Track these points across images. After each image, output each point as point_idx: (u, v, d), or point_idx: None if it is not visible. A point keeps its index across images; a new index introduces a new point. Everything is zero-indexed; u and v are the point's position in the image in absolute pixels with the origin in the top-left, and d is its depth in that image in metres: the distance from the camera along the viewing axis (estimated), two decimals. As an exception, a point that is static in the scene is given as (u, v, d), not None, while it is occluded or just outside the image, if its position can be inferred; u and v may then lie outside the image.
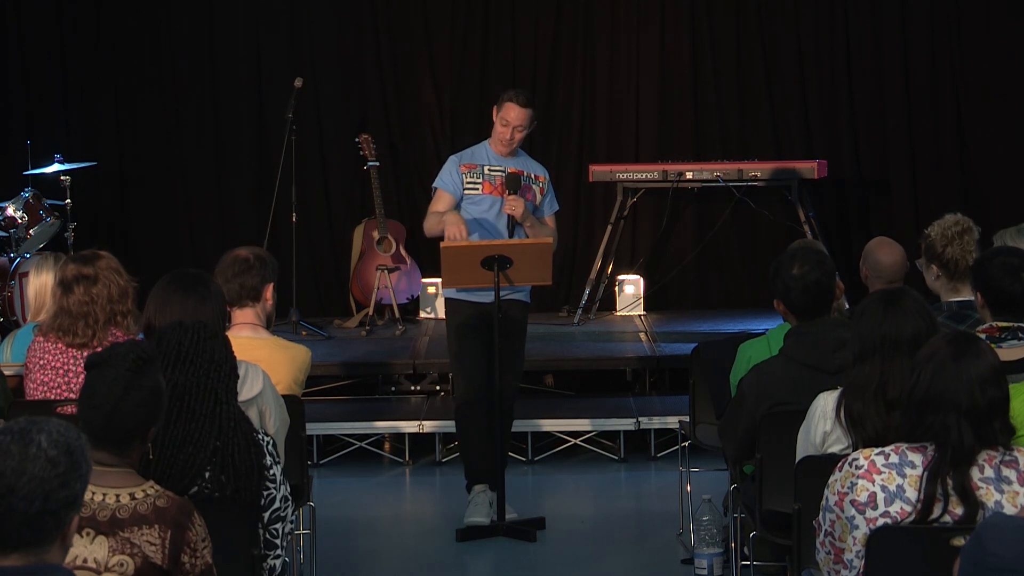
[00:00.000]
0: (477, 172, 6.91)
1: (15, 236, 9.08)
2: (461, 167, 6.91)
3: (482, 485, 6.82)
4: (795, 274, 4.93)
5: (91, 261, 5.22)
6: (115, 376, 3.28)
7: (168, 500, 3.27)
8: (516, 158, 6.98)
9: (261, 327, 5.27)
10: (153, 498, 3.26)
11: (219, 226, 10.57)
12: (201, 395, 3.76)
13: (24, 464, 2.66)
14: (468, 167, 6.92)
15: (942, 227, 5.54)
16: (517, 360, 6.97)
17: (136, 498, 3.25)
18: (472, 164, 6.93)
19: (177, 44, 10.60)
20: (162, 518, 3.23)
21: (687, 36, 10.59)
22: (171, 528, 3.22)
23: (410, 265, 9.99)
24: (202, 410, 3.75)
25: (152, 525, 3.22)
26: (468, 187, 6.89)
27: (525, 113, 6.84)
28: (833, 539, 3.64)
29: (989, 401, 3.48)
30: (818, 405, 4.26)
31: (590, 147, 10.66)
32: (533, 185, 6.96)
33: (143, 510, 3.23)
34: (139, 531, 3.21)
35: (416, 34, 10.68)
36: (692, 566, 6.02)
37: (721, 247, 10.55)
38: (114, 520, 3.21)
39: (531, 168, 7.01)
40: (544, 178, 7.04)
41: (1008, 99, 10.41)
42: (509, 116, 6.84)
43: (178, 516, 3.24)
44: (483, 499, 6.79)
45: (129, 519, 3.22)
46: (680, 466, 6.66)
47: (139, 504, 3.24)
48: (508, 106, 6.85)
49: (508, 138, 6.86)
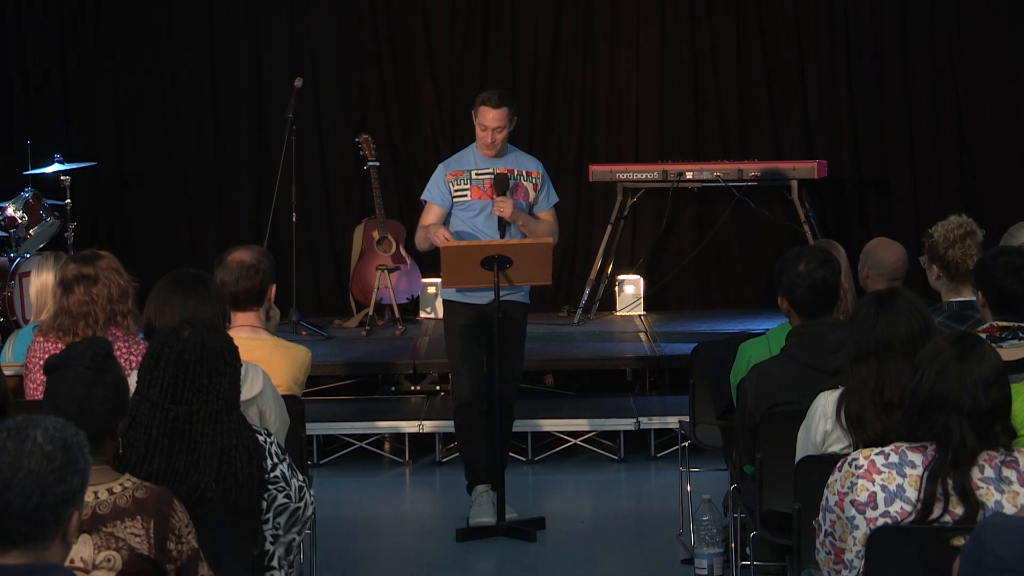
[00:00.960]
0: (464, 178, 6.91)
1: (15, 236, 9.09)
2: (447, 176, 6.92)
3: (484, 485, 6.82)
4: (801, 271, 4.92)
5: (91, 261, 5.22)
6: (76, 376, 3.29)
7: (147, 490, 3.28)
8: (506, 156, 6.97)
9: (261, 328, 5.27)
10: (131, 490, 3.27)
11: (219, 226, 10.57)
12: (202, 422, 3.74)
13: (20, 459, 2.67)
14: (455, 175, 6.92)
15: (945, 228, 5.53)
16: (517, 360, 6.97)
17: (114, 492, 3.25)
18: (459, 171, 6.93)
19: (177, 44, 10.60)
20: (143, 509, 3.23)
21: (687, 36, 10.59)
22: (154, 517, 3.23)
23: (410, 265, 9.98)
24: (204, 437, 3.73)
25: (134, 517, 3.22)
26: (456, 195, 6.89)
27: (501, 113, 6.83)
28: (833, 539, 3.64)
29: (992, 403, 3.48)
30: (819, 404, 4.27)
31: (590, 147, 10.66)
32: (524, 182, 6.94)
33: (123, 503, 3.24)
34: (122, 524, 3.21)
35: (416, 34, 10.68)
36: (692, 566, 6.02)
37: (721, 247, 10.55)
38: (95, 517, 3.21)
39: (523, 165, 6.99)
40: (538, 173, 7.00)
41: (1008, 99, 10.41)
42: (486, 120, 6.84)
43: (159, 505, 3.25)
44: (486, 499, 6.79)
45: (110, 514, 3.22)
46: (680, 466, 6.66)
47: (118, 498, 3.24)
48: (483, 110, 6.85)
49: (489, 141, 6.86)
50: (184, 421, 3.70)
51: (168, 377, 3.72)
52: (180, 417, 3.70)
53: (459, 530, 6.73)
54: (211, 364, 3.76)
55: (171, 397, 3.71)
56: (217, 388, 3.76)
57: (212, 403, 3.74)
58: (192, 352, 3.75)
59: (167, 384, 3.72)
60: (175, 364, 3.73)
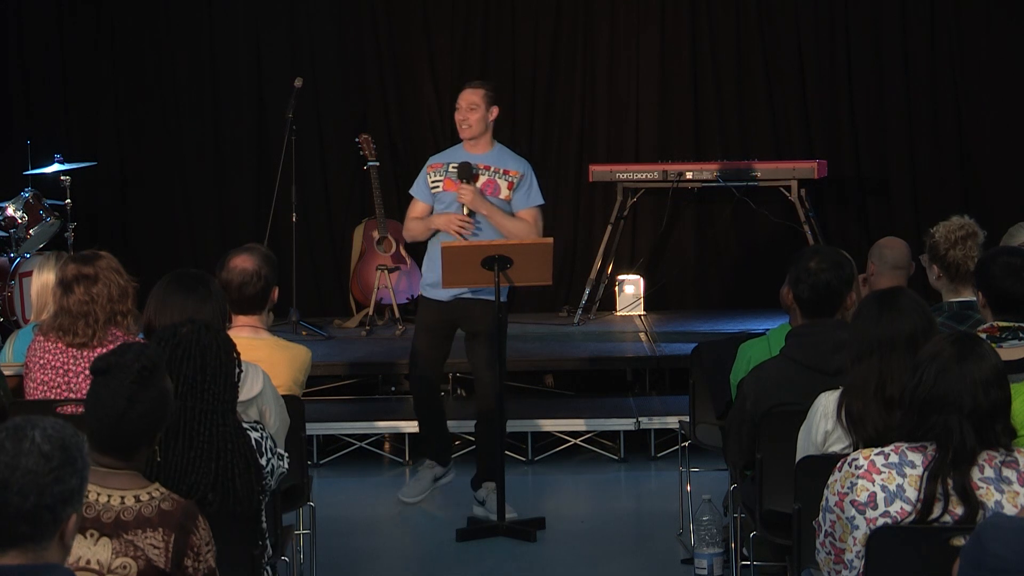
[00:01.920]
0: (441, 171, 7.02)
1: (15, 236, 9.09)
2: (428, 168, 7.07)
3: (432, 461, 7.12)
4: (810, 268, 4.92)
5: (91, 261, 5.22)
6: (119, 388, 3.27)
7: (173, 503, 3.26)
8: (489, 152, 7.01)
9: (262, 328, 5.28)
10: (158, 501, 3.25)
11: (219, 226, 10.57)
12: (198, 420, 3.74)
13: (17, 459, 2.67)
14: (434, 167, 7.06)
15: (947, 229, 5.52)
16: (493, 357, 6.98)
17: (141, 500, 3.24)
18: (439, 164, 7.05)
19: (177, 44, 10.60)
20: (166, 522, 3.22)
21: (687, 36, 10.59)
22: (175, 532, 3.21)
23: (410, 265, 9.98)
24: (200, 436, 3.74)
25: (156, 528, 3.21)
26: (433, 186, 7.02)
27: (475, 93, 6.97)
28: (833, 539, 3.64)
29: (992, 403, 3.48)
30: (819, 404, 4.27)
31: (590, 147, 10.66)
32: (499, 179, 6.97)
33: (147, 513, 3.23)
34: (143, 534, 3.20)
35: (416, 34, 10.68)
36: (692, 566, 6.02)
37: (721, 247, 10.56)
38: (118, 522, 3.20)
39: (503, 163, 7.01)
40: (517, 172, 6.99)
41: (1008, 99, 10.41)
42: (459, 99, 7.01)
43: (182, 520, 3.23)
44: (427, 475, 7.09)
45: (133, 522, 3.21)
46: (680, 466, 6.66)
47: (143, 507, 3.23)
48: (460, 94, 7.03)
49: (463, 119, 6.97)
50: (179, 417, 3.71)
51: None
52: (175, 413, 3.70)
53: (459, 530, 6.73)
54: (204, 361, 3.76)
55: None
56: (212, 387, 3.76)
57: (208, 401, 3.75)
58: (187, 348, 3.76)
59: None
60: (169, 360, 3.73)
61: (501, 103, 7.20)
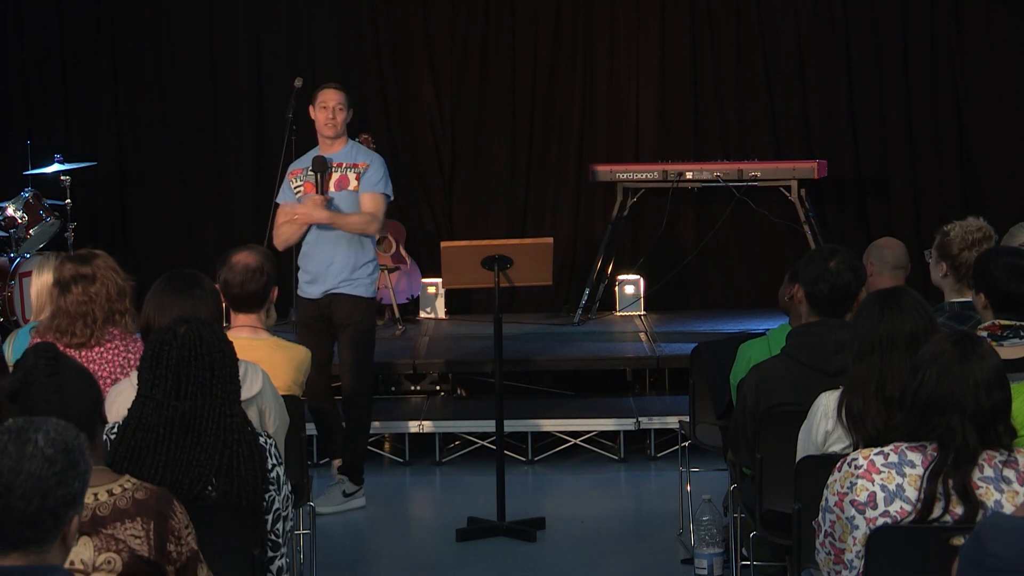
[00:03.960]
0: (302, 176, 7.11)
1: (15, 236, 9.09)
2: (289, 175, 7.15)
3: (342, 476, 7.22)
4: (831, 267, 4.90)
5: (88, 260, 5.21)
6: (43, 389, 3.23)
7: (147, 492, 3.27)
8: (343, 149, 7.10)
9: (261, 328, 5.27)
10: (131, 491, 3.25)
11: (219, 226, 10.57)
12: (207, 416, 3.74)
13: (21, 463, 2.66)
14: (294, 173, 7.15)
15: (964, 230, 5.49)
16: (355, 361, 6.99)
17: (114, 494, 3.24)
18: (298, 169, 7.13)
19: (177, 44, 10.60)
20: (143, 510, 3.22)
21: (687, 36, 10.60)
22: (153, 519, 3.21)
23: (410, 265, 9.98)
24: (207, 431, 3.73)
25: (134, 518, 3.21)
26: (296, 191, 7.10)
27: (341, 94, 7.07)
28: (833, 539, 3.64)
29: (993, 404, 3.48)
30: (820, 404, 4.26)
31: (590, 147, 10.66)
32: (349, 172, 7.05)
33: (123, 505, 3.22)
34: (122, 526, 3.20)
35: (416, 34, 10.68)
36: (692, 566, 6.02)
37: (721, 247, 10.56)
38: (95, 519, 3.19)
39: (353, 158, 7.11)
40: (366, 164, 7.10)
41: (1008, 99, 10.41)
42: (327, 98, 7.06)
43: (159, 506, 3.23)
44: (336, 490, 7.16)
45: (110, 515, 3.21)
46: (680, 466, 6.66)
47: (118, 499, 3.23)
48: (322, 94, 7.09)
49: (331, 117, 7.04)
50: (190, 417, 3.71)
51: (171, 375, 3.72)
52: (186, 413, 3.70)
53: (459, 530, 6.73)
54: (211, 358, 3.77)
55: (176, 394, 3.71)
56: (220, 382, 3.77)
57: (216, 396, 3.76)
58: (191, 348, 3.76)
59: (171, 382, 3.72)
60: (176, 361, 3.73)
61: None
